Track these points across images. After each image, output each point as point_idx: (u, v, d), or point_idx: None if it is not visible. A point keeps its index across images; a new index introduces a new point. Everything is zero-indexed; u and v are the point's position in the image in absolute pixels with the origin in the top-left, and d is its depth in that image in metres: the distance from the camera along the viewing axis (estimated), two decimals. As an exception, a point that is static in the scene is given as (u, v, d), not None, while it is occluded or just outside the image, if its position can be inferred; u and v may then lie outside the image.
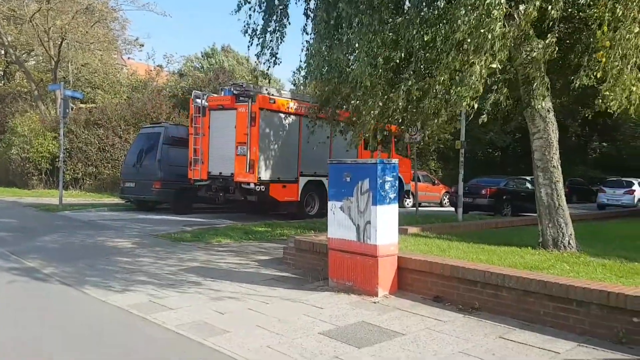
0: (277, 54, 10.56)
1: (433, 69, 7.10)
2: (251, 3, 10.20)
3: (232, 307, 5.34)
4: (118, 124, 23.27)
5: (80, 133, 22.77)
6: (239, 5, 10.25)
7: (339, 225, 6.13)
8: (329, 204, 6.28)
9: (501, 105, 7.14)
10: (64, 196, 16.56)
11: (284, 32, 10.39)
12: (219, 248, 9.05)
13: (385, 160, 5.94)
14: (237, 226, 11.78)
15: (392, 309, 5.35)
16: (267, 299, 5.68)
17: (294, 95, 15.22)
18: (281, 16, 10.28)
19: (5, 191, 21.15)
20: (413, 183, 16.82)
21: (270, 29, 10.27)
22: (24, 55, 30.38)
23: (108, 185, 22.45)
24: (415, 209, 16.24)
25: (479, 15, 5.86)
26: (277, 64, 10.76)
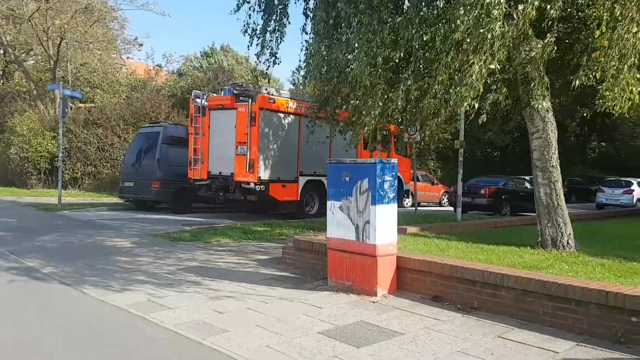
0: (276, 53, 10.58)
1: (432, 69, 7.10)
2: (250, 3, 10.21)
3: (231, 307, 5.34)
4: (117, 124, 23.28)
5: (79, 132, 22.77)
6: (238, 5, 10.25)
7: (338, 225, 6.13)
8: (328, 203, 6.27)
9: (500, 105, 7.14)
10: (63, 196, 16.57)
11: (283, 32, 10.40)
12: (218, 247, 9.05)
13: (385, 160, 5.94)
14: (236, 226, 11.78)
15: (391, 308, 5.35)
16: (266, 298, 5.69)
17: (293, 95, 15.24)
18: (281, 16, 10.28)
19: (4, 191, 21.14)
20: (412, 183, 16.83)
21: (269, 29, 10.28)
22: (22, 54, 30.33)
23: (107, 185, 22.46)
24: (415, 208, 16.23)
25: (479, 14, 5.86)
26: (276, 63, 10.78)
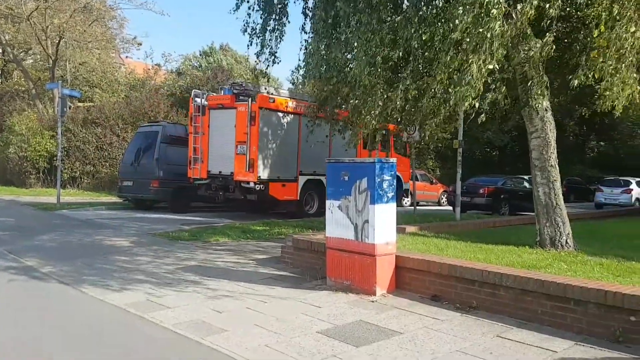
0: (276, 52, 10.58)
1: (431, 69, 7.10)
2: (250, 2, 10.21)
3: (230, 306, 5.34)
4: (116, 123, 23.25)
5: (78, 132, 22.75)
6: (237, 4, 10.25)
7: (336, 224, 6.13)
8: (327, 203, 6.27)
9: (499, 105, 7.14)
10: (61, 195, 16.55)
11: (283, 31, 10.40)
12: (216, 247, 9.04)
13: (383, 160, 5.95)
14: (235, 225, 11.77)
15: (390, 307, 5.35)
16: (265, 297, 5.68)
17: (293, 94, 15.24)
18: (280, 15, 10.28)
19: (2, 190, 21.11)
20: (411, 182, 16.83)
21: (269, 28, 10.27)
22: (21, 53, 30.29)
23: (106, 184, 22.45)
24: (413, 208, 16.24)
25: (478, 14, 5.86)
26: (276, 62, 10.78)
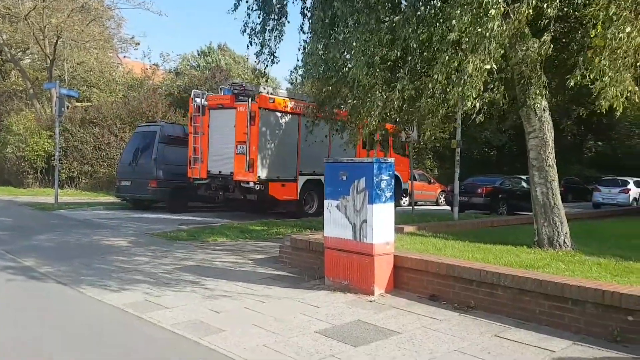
0: (275, 52, 10.59)
1: (429, 68, 7.10)
2: (249, 2, 10.21)
3: (228, 306, 5.33)
4: (114, 123, 23.20)
5: (75, 132, 22.70)
6: (235, 4, 10.25)
7: (335, 224, 6.13)
8: (325, 202, 6.27)
9: (497, 104, 7.14)
10: (59, 195, 16.52)
11: (282, 31, 10.42)
12: (214, 247, 9.04)
13: (382, 159, 5.95)
14: (233, 225, 11.77)
15: (388, 307, 5.35)
16: (263, 297, 5.68)
17: (292, 94, 15.25)
18: (279, 14, 10.28)
19: (0, 190, 21.04)
20: (410, 182, 16.84)
21: (268, 28, 10.28)
22: (19, 53, 30.20)
23: (104, 184, 22.41)
24: (412, 207, 16.25)
25: (476, 13, 5.86)
26: (275, 62, 10.81)
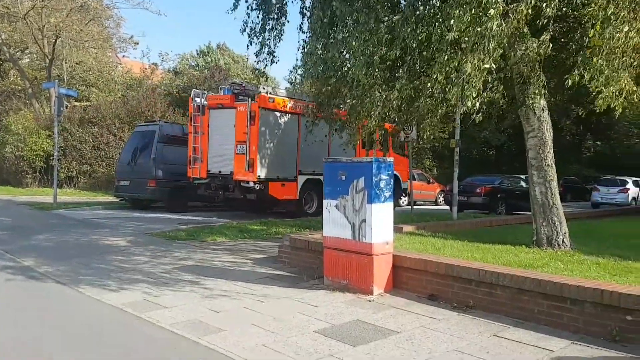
0: (274, 52, 10.59)
1: (428, 68, 7.10)
2: (248, 1, 10.20)
3: (227, 306, 5.33)
4: (113, 122, 23.20)
5: (74, 131, 22.69)
6: (235, 3, 10.25)
7: (334, 223, 6.13)
8: (324, 202, 6.27)
9: (496, 104, 7.15)
10: (58, 194, 16.51)
11: (282, 31, 10.42)
12: (213, 246, 9.03)
13: (381, 159, 5.95)
14: (232, 224, 11.76)
15: (387, 307, 5.35)
16: (262, 297, 5.68)
17: (292, 94, 15.29)
18: (279, 14, 10.28)
19: (-1, 190, 21.06)
20: (409, 181, 16.84)
21: (268, 27, 10.28)
22: (17, 53, 30.16)
23: (102, 184, 22.39)
24: (411, 207, 16.26)
25: (476, 13, 5.86)
26: (274, 62, 10.81)
